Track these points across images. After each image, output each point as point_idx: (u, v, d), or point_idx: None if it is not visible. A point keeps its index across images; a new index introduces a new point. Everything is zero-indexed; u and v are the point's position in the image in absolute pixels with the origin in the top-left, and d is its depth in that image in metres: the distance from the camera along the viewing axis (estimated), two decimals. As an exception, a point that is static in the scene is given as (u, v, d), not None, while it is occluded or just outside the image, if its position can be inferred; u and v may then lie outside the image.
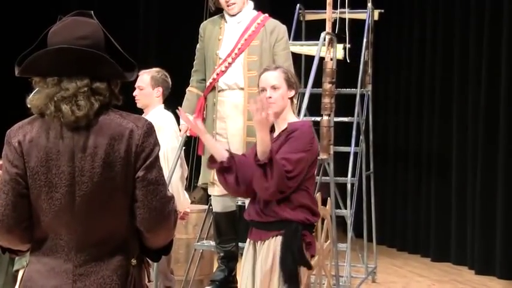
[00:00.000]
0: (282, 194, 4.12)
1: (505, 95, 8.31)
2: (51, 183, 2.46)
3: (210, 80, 5.37)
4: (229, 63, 5.32)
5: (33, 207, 2.50)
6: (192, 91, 5.52)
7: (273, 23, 5.41)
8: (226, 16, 5.44)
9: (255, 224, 4.33)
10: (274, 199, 4.14)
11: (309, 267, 4.31)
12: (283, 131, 4.29)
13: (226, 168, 4.19)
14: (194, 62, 5.58)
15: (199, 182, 5.54)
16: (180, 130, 5.54)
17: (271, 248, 4.24)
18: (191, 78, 5.57)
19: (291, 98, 4.38)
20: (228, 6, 5.38)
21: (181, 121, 5.52)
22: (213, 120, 5.36)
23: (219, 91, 5.35)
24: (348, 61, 7.45)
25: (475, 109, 8.79)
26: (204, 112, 5.46)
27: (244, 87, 5.24)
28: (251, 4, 5.48)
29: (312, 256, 4.34)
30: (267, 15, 5.50)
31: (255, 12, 5.46)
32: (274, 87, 4.32)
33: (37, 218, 2.50)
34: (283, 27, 5.45)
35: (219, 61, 5.36)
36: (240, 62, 5.32)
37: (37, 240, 2.53)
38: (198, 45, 5.59)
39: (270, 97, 4.29)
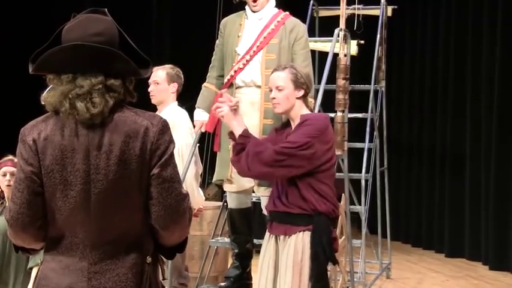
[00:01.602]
0: (283, 175, 4.20)
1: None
2: (66, 181, 2.45)
3: (228, 77, 5.35)
4: (247, 61, 5.29)
5: (47, 205, 2.49)
6: (208, 87, 5.49)
7: (293, 22, 5.36)
8: (248, 12, 5.41)
9: (277, 217, 4.34)
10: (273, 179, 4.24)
11: (336, 262, 4.34)
12: (298, 124, 4.35)
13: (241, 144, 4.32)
14: (212, 58, 5.55)
15: (214, 178, 5.53)
16: (194, 127, 5.53)
17: (299, 243, 4.25)
18: (208, 74, 5.54)
19: (302, 97, 4.43)
20: (253, 1, 5.35)
21: (195, 117, 5.52)
22: None
23: (236, 88, 5.33)
24: (354, 55, 7.41)
25: (489, 105, 8.76)
26: None
27: (262, 85, 5.21)
28: (273, 2, 5.43)
29: (336, 251, 4.36)
30: (287, 13, 5.45)
31: (276, 10, 5.42)
32: (278, 88, 4.40)
33: (52, 216, 2.50)
34: (303, 26, 5.41)
35: (237, 58, 5.34)
36: (258, 60, 5.28)
37: (51, 239, 2.52)
38: (217, 41, 5.57)
39: (275, 98, 4.38)
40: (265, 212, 4.91)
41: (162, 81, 5.65)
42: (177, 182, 2.52)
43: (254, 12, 5.37)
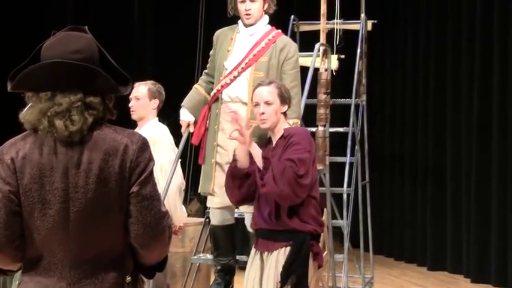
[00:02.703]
0: (298, 197, 4.16)
1: (497, 102, 8.33)
2: (44, 200, 2.44)
3: (214, 91, 5.36)
4: (235, 77, 5.28)
5: (25, 224, 2.46)
6: (198, 89, 5.52)
7: (284, 41, 5.34)
8: (241, 26, 5.40)
9: (261, 234, 4.35)
10: (293, 203, 4.18)
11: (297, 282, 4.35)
12: (280, 138, 4.35)
13: (246, 175, 4.29)
14: (207, 65, 5.58)
15: (200, 190, 5.53)
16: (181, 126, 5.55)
17: (280, 259, 4.25)
18: (201, 77, 5.58)
19: (285, 113, 4.45)
20: (246, 15, 5.33)
21: (181, 117, 5.53)
22: (215, 131, 5.34)
23: (222, 102, 5.33)
24: (334, 71, 7.44)
25: (469, 118, 8.81)
26: (208, 122, 5.43)
27: (248, 103, 5.20)
28: (266, 18, 5.40)
29: (320, 266, 4.36)
30: (279, 31, 5.43)
31: (269, 27, 5.39)
32: (267, 103, 4.40)
33: (30, 235, 2.47)
34: (294, 46, 5.38)
35: (225, 72, 5.34)
36: (245, 77, 5.27)
37: (29, 259, 2.49)
38: (211, 52, 5.59)
39: (263, 112, 4.36)
40: (249, 228, 4.90)
41: (143, 96, 5.64)
42: (156, 200, 2.50)
43: (247, 26, 5.35)
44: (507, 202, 8.17)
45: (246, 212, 5.08)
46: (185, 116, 5.51)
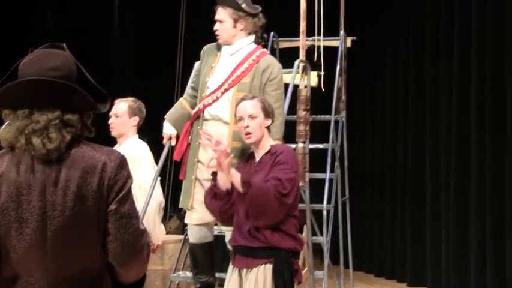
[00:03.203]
0: (281, 216, 4.17)
1: (475, 119, 8.37)
2: (21, 218, 2.42)
3: (196, 109, 5.37)
4: (217, 97, 5.28)
5: (2, 243, 2.44)
6: (182, 103, 5.56)
7: (268, 61, 5.31)
8: (223, 45, 5.40)
9: (240, 250, 4.34)
10: (275, 222, 4.18)
11: None
12: (266, 154, 4.36)
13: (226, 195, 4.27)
14: (193, 79, 5.58)
15: (180, 205, 5.53)
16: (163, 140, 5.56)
17: (260, 276, 4.25)
18: (186, 90, 5.60)
19: (268, 127, 4.45)
20: (216, 35, 5.35)
21: (164, 129, 5.53)
22: (196, 147, 5.34)
23: (203, 120, 5.34)
24: (323, 89, 7.47)
25: (447, 134, 8.85)
26: (190, 137, 5.43)
27: (230, 123, 5.20)
28: (249, 38, 5.36)
29: (299, 283, 4.37)
30: (264, 50, 5.40)
31: (253, 47, 5.35)
32: (251, 117, 4.39)
33: (6, 255, 2.45)
34: (277, 66, 5.35)
35: (207, 90, 5.32)
36: (227, 97, 5.25)
37: (6, 279, 2.47)
38: (197, 65, 5.61)
39: (248, 126, 4.36)
40: (229, 246, 4.89)
41: (122, 113, 5.61)
42: (135, 218, 2.49)
43: (228, 45, 5.35)
44: (485, 218, 8.21)
45: (226, 230, 5.07)
46: (168, 129, 5.53)
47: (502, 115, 7.96)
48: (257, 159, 4.44)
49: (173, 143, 5.51)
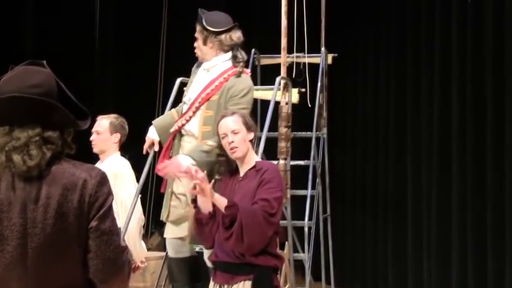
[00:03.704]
0: (270, 235, 4.19)
1: (455, 135, 8.41)
2: (2, 235, 2.41)
3: (176, 127, 5.41)
4: (190, 117, 5.35)
5: (-18, 261, 2.44)
6: (172, 114, 5.64)
7: (236, 80, 5.32)
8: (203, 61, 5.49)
9: (221, 266, 4.34)
10: (266, 243, 4.18)
11: None
12: (250, 169, 4.37)
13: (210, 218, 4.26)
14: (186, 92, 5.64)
15: (161, 217, 5.54)
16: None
17: None
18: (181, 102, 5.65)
19: (251, 141, 4.48)
20: (194, 47, 5.44)
21: (148, 134, 5.55)
22: None
23: (181, 135, 5.40)
24: (309, 105, 7.50)
25: (429, 150, 8.87)
26: (171, 151, 5.46)
27: (198, 139, 5.27)
28: (225, 56, 5.39)
29: None
30: (236, 70, 5.39)
31: (229, 65, 5.39)
32: (234, 132, 4.41)
33: (-13, 272, 2.44)
34: (242, 85, 5.33)
35: (184, 106, 5.40)
36: (198, 114, 5.33)
37: (-14, 297, 2.47)
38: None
39: (233, 141, 4.37)
40: (208, 263, 4.87)
41: (104, 130, 5.60)
42: (115, 235, 2.49)
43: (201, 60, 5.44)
44: (467, 235, 8.23)
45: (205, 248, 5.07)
46: (152, 134, 5.57)
47: (482, 126, 7.96)
48: (241, 174, 4.45)
49: (156, 148, 5.54)
